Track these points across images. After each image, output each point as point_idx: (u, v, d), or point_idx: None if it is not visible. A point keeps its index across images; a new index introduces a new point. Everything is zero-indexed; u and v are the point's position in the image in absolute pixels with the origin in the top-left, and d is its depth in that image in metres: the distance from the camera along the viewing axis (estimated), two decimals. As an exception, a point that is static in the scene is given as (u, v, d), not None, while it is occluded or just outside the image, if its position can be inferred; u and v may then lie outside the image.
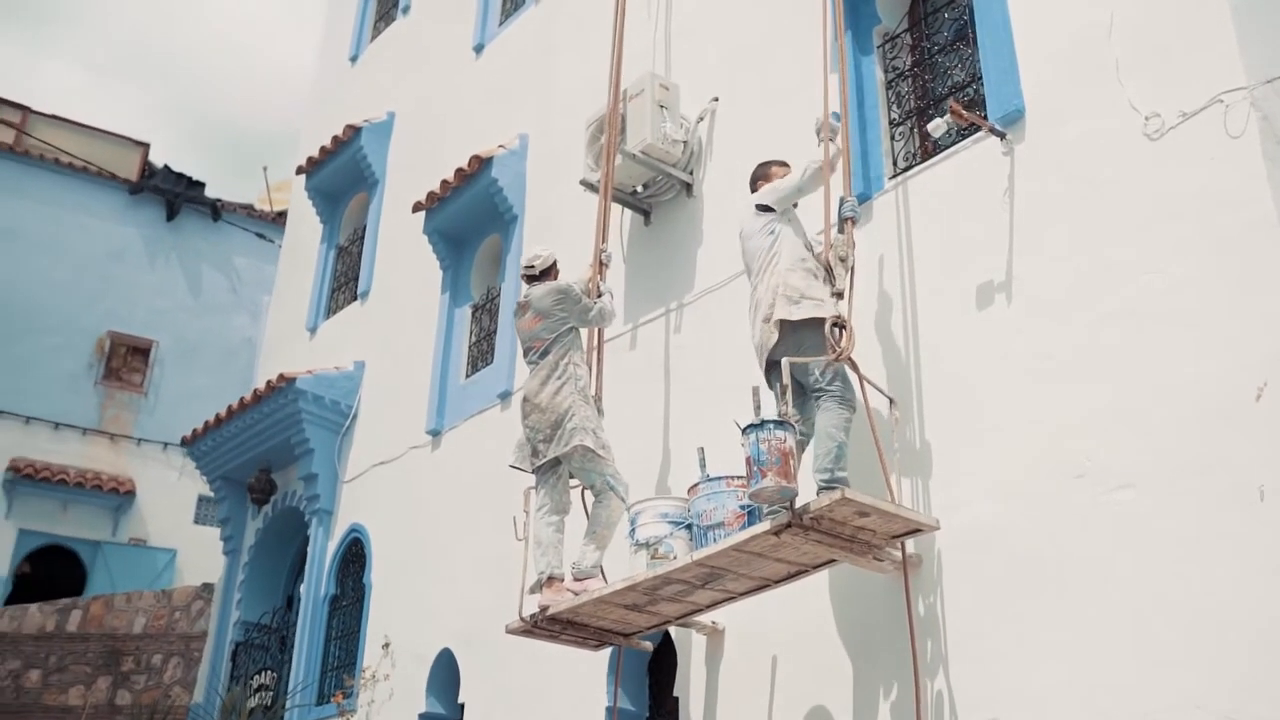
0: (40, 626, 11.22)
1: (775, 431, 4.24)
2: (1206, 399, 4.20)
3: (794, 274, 4.87)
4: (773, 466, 4.18)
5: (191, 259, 18.71)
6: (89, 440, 16.83)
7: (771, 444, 4.22)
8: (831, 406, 4.71)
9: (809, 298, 4.79)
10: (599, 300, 5.94)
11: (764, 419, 4.29)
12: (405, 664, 8.05)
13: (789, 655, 5.39)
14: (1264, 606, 3.84)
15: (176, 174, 19.36)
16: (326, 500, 9.65)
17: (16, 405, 16.51)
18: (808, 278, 4.88)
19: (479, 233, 9.25)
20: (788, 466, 4.20)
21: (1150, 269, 4.55)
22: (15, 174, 17.78)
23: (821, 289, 4.85)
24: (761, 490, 4.23)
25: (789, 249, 4.97)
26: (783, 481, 4.18)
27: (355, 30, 13.05)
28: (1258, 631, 3.83)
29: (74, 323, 17.40)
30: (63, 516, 16.11)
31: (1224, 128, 4.47)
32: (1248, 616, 3.88)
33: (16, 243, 17.42)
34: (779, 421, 4.30)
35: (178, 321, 18.23)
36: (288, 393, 9.67)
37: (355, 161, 11.14)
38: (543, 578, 5.46)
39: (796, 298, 4.78)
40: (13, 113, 18.76)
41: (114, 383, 17.47)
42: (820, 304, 4.77)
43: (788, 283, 4.82)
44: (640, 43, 7.94)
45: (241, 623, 10.35)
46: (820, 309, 4.73)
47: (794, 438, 4.31)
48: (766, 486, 4.20)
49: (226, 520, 10.91)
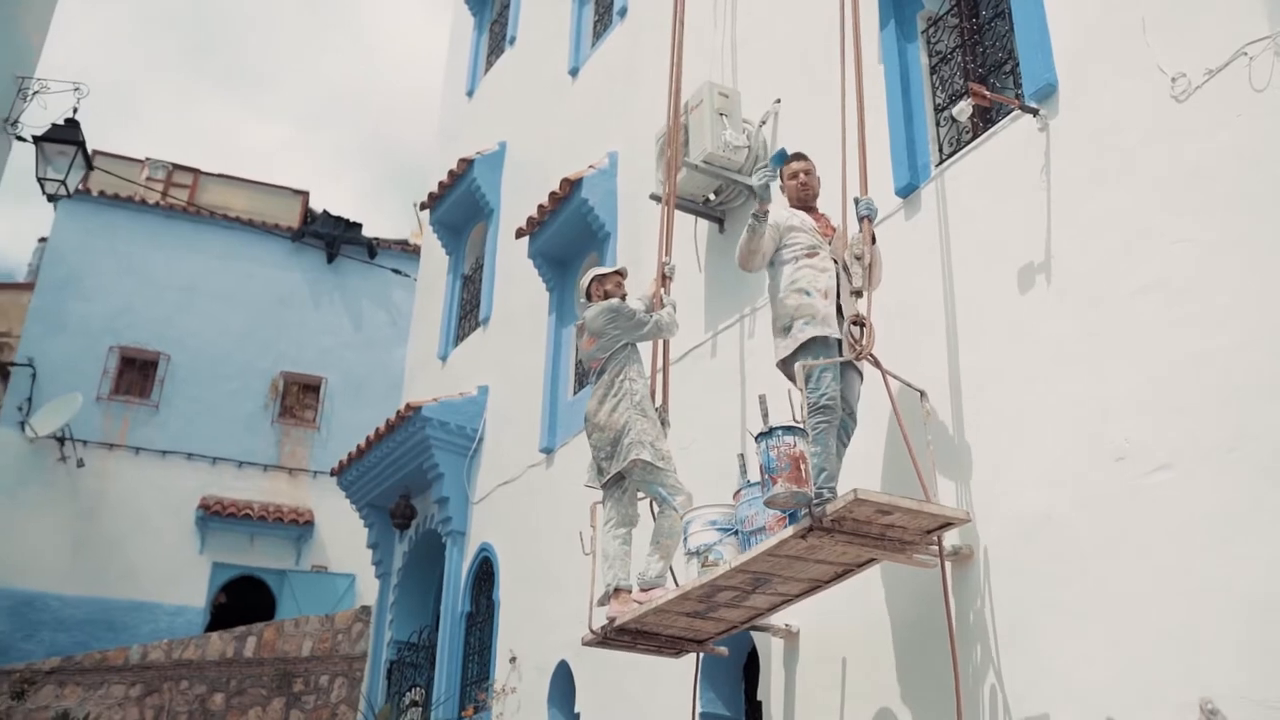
0: (221, 653, 12.06)
1: (785, 438, 4.26)
2: (1237, 370, 3.99)
3: (787, 299, 4.93)
4: (783, 472, 4.20)
5: (352, 297, 19.69)
6: (270, 476, 17.93)
7: (781, 450, 4.24)
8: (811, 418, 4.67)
9: (798, 317, 4.84)
10: (655, 314, 6.01)
11: (773, 426, 4.31)
12: (530, 676, 8.32)
13: (857, 654, 5.35)
14: (1302, 587, 3.63)
15: (335, 218, 20.44)
16: (458, 521, 10.04)
17: (204, 448, 17.75)
18: (799, 297, 4.92)
19: (578, 252, 9.47)
20: (799, 471, 4.21)
21: (1181, 237, 4.35)
22: (190, 232, 19.12)
23: (816, 302, 4.85)
24: (775, 497, 4.25)
25: (784, 278, 5.01)
26: (793, 487, 4.19)
27: (470, 65, 13.53)
28: (1297, 614, 3.62)
29: (250, 366, 18.58)
30: (250, 548, 17.22)
31: (1249, 82, 4.24)
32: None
33: (196, 296, 18.73)
34: (788, 427, 4.31)
35: (343, 358, 19.20)
36: (415, 421, 10.11)
37: (470, 193, 11.56)
38: (610, 590, 5.58)
39: (787, 323, 4.88)
40: (186, 176, 20.20)
41: (289, 420, 18.56)
42: (809, 322, 4.78)
43: (778, 313, 4.90)
44: (711, 49, 8.03)
45: (394, 642, 10.86)
46: (808, 329, 4.75)
47: (805, 442, 4.31)
48: (779, 493, 4.21)
49: (376, 545, 11.48)
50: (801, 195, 5.41)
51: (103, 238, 18.48)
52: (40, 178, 10.02)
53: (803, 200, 5.41)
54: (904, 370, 5.28)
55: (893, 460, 4.99)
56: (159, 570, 16.66)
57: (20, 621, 15.78)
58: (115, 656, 12.75)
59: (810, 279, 4.96)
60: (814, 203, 5.44)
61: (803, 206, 5.40)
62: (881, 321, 5.55)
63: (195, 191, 19.97)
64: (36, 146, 10.09)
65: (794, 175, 5.43)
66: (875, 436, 5.39)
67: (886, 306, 5.61)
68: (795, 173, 5.43)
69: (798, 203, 5.41)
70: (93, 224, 18.51)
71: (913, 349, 5.44)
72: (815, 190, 5.45)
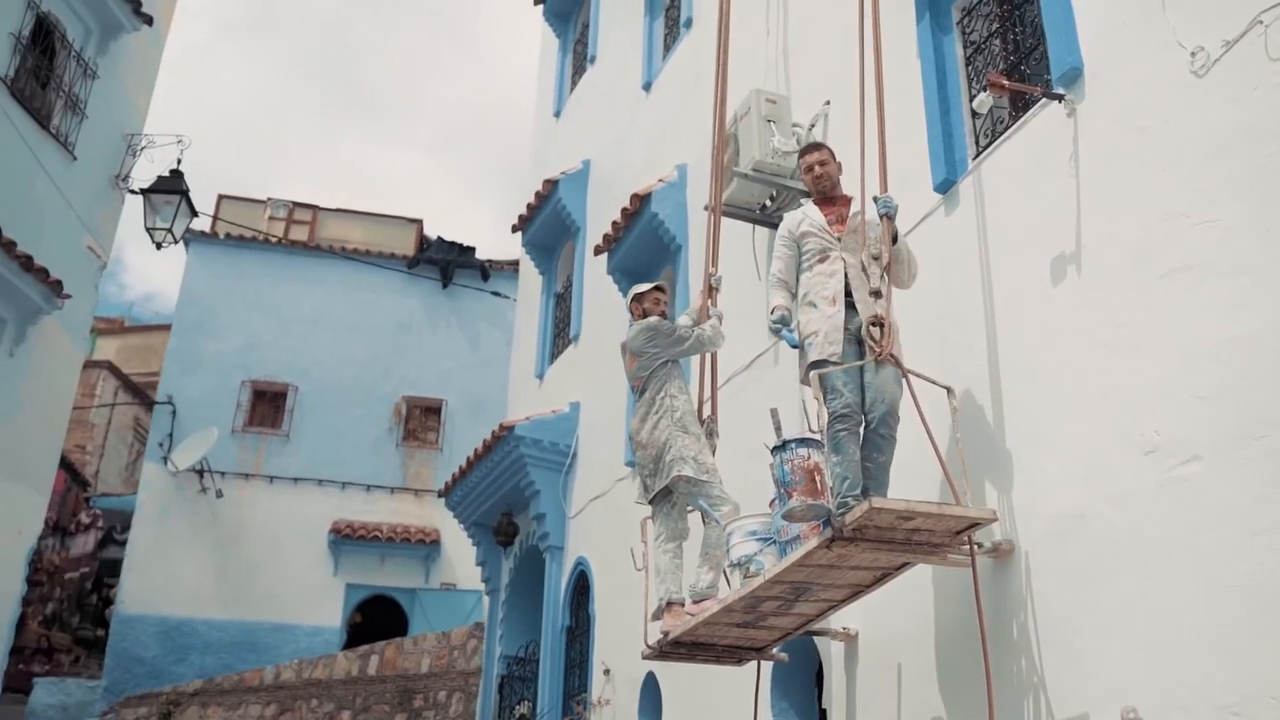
0: (347, 671, 12.52)
1: (798, 450, 4.24)
2: (1260, 354, 3.82)
3: (801, 314, 4.91)
4: (798, 486, 4.19)
5: (468, 319, 20.18)
6: (397, 497, 18.52)
7: (795, 463, 4.22)
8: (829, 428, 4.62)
9: (806, 335, 4.87)
10: (696, 328, 6.01)
11: (785, 439, 4.29)
12: (622, 689, 8.41)
13: (911, 657, 5.27)
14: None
15: (449, 243, 20.99)
16: (556, 537, 10.21)
17: (333, 473, 18.46)
18: (809, 311, 4.91)
19: (654, 265, 9.54)
20: (813, 484, 4.18)
21: (1206, 218, 4.17)
22: (312, 267, 19.91)
23: (821, 315, 4.83)
24: (791, 511, 4.23)
25: (801, 289, 5.05)
26: (808, 499, 4.17)
27: (556, 86, 13.76)
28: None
29: (373, 392, 19.23)
30: (381, 569, 17.81)
31: (1265, 51, 4.05)
32: (1317, 592, 3.50)
33: (319, 328, 19.50)
34: (802, 439, 4.29)
35: (462, 379, 19.69)
36: (509, 440, 10.33)
37: (557, 213, 11.76)
38: (662, 603, 5.64)
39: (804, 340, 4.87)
40: (305, 212, 21.03)
41: (413, 442, 19.14)
42: (812, 343, 4.77)
43: (803, 332, 4.87)
44: (766, 55, 8.02)
45: (504, 657, 11.10)
46: (810, 352, 4.75)
47: (820, 453, 4.27)
48: (794, 507, 4.20)
49: (484, 562, 11.76)
50: (818, 187, 5.35)
51: (230, 278, 19.40)
52: (148, 228, 10.63)
53: (820, 191, 5.34)
54: (948, 369, 5.20)
55: (923, 459, 4.88)
56: (296, 593, 17.39)
57: (171, 646, 16.67)
58: (251, 678, 13.37)
59: (819, 288, 4.92)
60: (834, 192, 5.35)
61: (822, 197, 5.34)
62: (925, 321, 5.50)
63: (315, 227, 20.77)
64: (144, 199, 10.70)
65: (809, 169, 5.38)
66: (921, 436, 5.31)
67: (929, 305, 5.55)
68: (810, 165, 5.37)
69: (816, 195, 5.36)
70: (221, 265, 19.45)
71: (956, 347, 5.34)
72: (833, 179, 5.35)
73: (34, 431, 11.04)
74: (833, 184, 5.39)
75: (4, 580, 10.88)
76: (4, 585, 10.85)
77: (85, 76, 11.07)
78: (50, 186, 10.40)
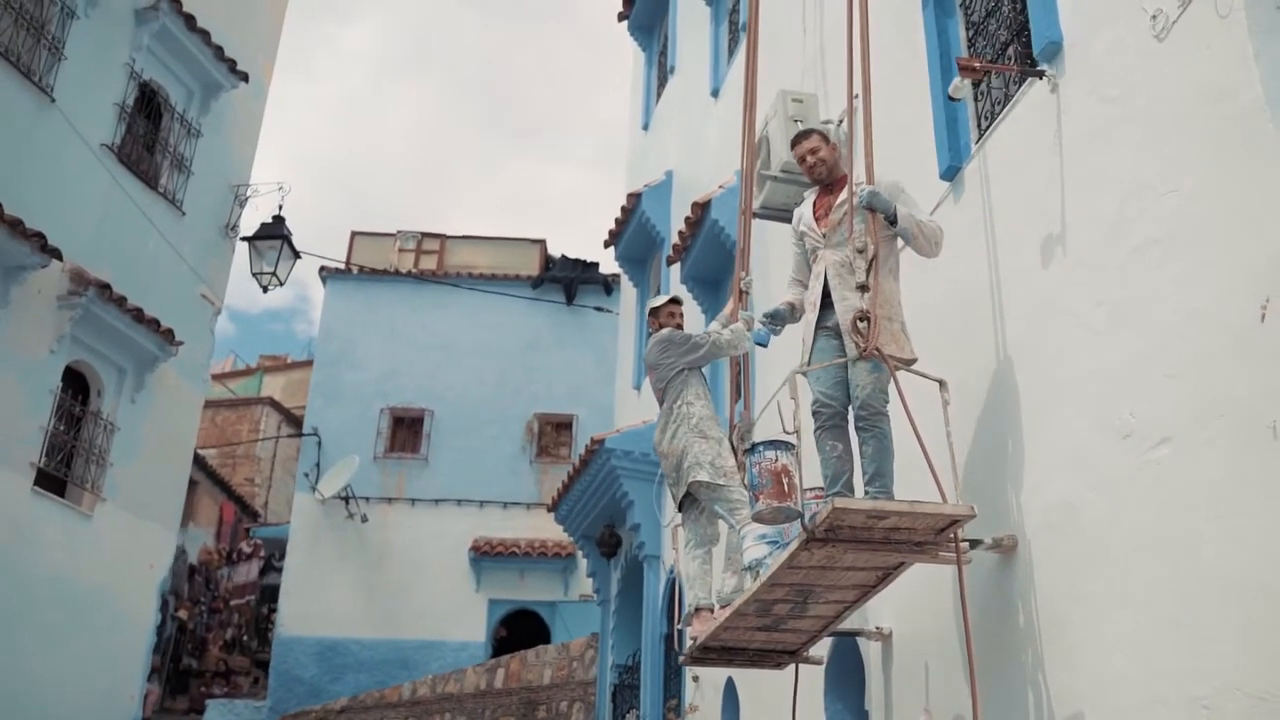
0: (476, 685, 12.91)
1: (766, 453, 4.24)
2: (1218, 327, 3.64)
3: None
4: (765, 489, 4.18)
5: (593, 334, 20.50)
6: (533, 513, 18.95)
7: (763, 466, 4.22)
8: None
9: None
10: (714, 335, 6.02)
11: (755, 443, 4.30)
12: (709, 695, 8.46)
13: (938, 655, 5.17)
14: (1285, 563, 3.26)
15: (572, 260, 21.39)
16: (652, 546, 10.32)
17: (472, 493, 19.05)
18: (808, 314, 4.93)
19: (724, 271, 9.53)
20: (780, 486, 4.17)
21: (1170, 187, 4.00)
22: (442, 294, 20.60)
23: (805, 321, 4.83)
24: (760, 514, 4.23)
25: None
26: (774, 502, 4.16)
27: (644, 99, 13.91)
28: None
29: (506, 411, 19.76)
30: (520, 583, 18.28)
31: (1214, 9, 3.87)
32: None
33: (452, 353, 20.16)
34: (771, 442, 4.29)
35: (590, 393, 20.01)
36: (601, 454, 10.51)
37: (643, 225, 11.90)
38: (692, 609, 5.68)
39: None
40: (433, 242, 21.76)
41: (545, 458, 19.56)
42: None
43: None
44: (806, 54, 7.98)
45: (615, 666, 11.27)
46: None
47: (787, 455, 4.26)
48: (761, 511, 4.20)
49: (594, 574, 11.96)
50: (814, 176, 5.28)
51: (366, 310, 20.25)
52: (254, 273, 11.24)
53: (818, 179, 5.27)
54: (961, 361, 5.11)
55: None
56: (442, 610, 18.01)
57: (327, 666, 17.50)
58: (391, 694, 13.94)
59: (809, 294, 4.90)
60: (832, 177, 5.24)
61: (822, 184, 5.28)
62: (942, 312, 5.41)
63: (443, 255, 21.47)
64: (249, 246, 11.34)
65: (801, 159, 5.30)
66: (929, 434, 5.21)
67: (944, 294, 5.45)
68: (801, 156, 5.27)
69: (815, 183, 5.31)
70: (355, 299, 20.33)
71: (967, 338, 5.23)
72: (829, 164, 5.23)
73: (159, 471, 11.83)
74: (829, 170, 5.27)
75: (138, 612, 11.65)
76: (139, 617, 11.63)
77: (189, 135, 11.82)
78: (162, 242, 11.16)
